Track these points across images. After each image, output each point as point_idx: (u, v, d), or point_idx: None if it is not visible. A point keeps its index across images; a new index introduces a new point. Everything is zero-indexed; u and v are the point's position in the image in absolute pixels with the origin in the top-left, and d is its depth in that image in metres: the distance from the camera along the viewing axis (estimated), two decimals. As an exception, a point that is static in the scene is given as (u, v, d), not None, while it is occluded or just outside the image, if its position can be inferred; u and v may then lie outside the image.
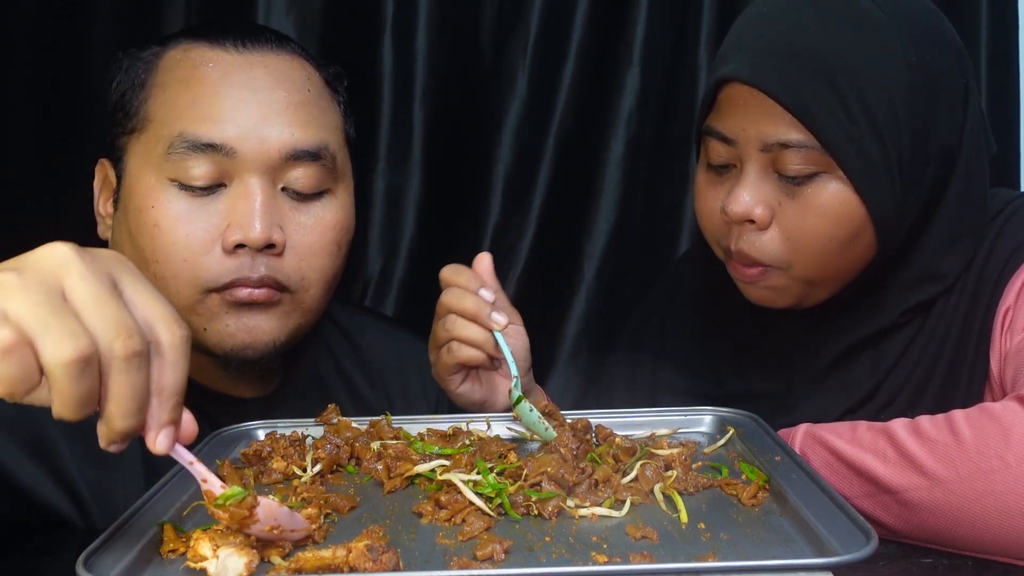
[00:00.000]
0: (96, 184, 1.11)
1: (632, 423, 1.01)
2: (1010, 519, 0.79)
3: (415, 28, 1.65)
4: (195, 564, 0.68)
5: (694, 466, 0.87)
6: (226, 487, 0.70)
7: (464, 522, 0.76)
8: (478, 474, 0.83)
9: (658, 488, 0.81)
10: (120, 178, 1.05)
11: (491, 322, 1.03)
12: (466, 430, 0.98)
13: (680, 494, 0.81)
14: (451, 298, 1.05)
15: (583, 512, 0.78)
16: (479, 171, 1.72)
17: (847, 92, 0.96)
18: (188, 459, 0.69)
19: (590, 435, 0.96)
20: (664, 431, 0.99)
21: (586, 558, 0.69)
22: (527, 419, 0.97)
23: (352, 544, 0.68)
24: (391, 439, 0.95)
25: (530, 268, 1.72)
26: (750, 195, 1.00)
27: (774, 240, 1.01)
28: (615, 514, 0.78)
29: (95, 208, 1.11)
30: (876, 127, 0.97)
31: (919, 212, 1.03)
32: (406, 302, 1.70)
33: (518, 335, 1.09)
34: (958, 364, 1.05)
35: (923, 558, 0.83)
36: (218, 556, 0.67)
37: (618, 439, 0.93)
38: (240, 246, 0.99)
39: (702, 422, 1.02)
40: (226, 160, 0.99)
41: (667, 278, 1.38)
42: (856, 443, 0.89)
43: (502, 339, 1.04)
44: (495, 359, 1.06)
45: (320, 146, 1.04)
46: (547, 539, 0.73)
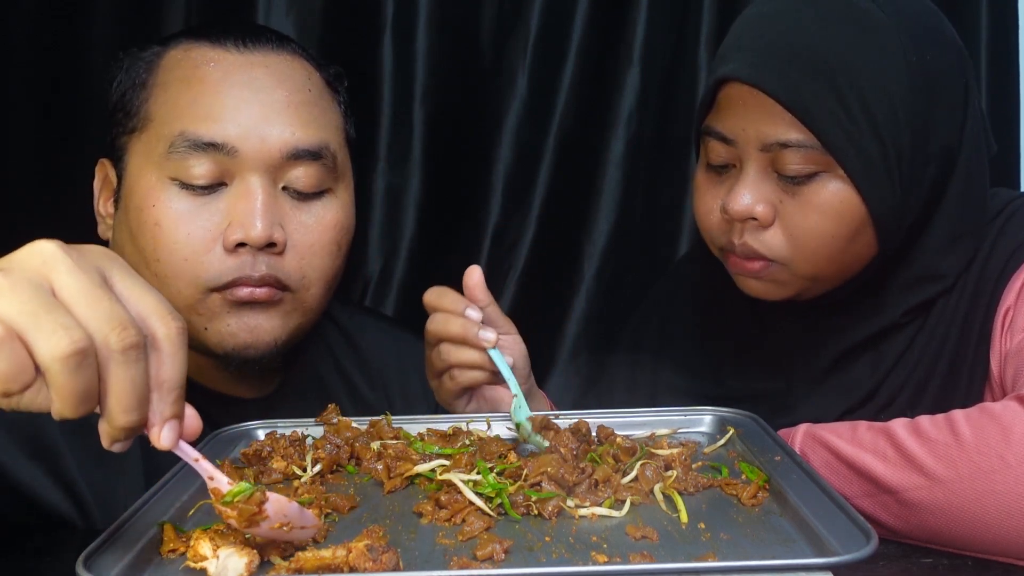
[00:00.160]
0: (96, 184, 1.11)
1: (632, 423, 1.01)
2: (1010, 519, 0.79)
3: (415, 28, 1.65)
4: (195, 564, 0.68)
5: (694, 466, 0.87)
6: (233, 483, 0.68)
7: (464, 522, 0.76)
8: (478, 474, 0.83)
9: (658, 488, 0.81)
10: (121, 178, 1.05)
11: (480, 342, 1.00)
12: (466, 430, 0.98)
13: (680, 494, 0.81)
14: (437, 325, 1.03)
15: (583, 512, 0.78)
16: (479, 171, 1.72)
17: (847, 92, 0.96)
18: (193, 455, 0.68)
19: (591, 436, 0.96)
20: (664, 431, 0.99)
21: (586, 558, 0.69)
22: (536, 439, 0.94)
23: (352, 544, 0.68)
24: (391, 439, 0.95)
25: (530, 268, 1.72)
26: (750, 194, 1.00)
27: (777, 236, 1.01)
28: (615, 514, 0.78)
29: (95, 208, 1.11)
30: (876, 127, 0.97)
31: (919, 212, 1.03)
32: (406, 302, 1.70)
33: (514, 344, 1.07)
34: (958, 364, 1.05)
35: (923, 558, 0.83)
36: (218, 556, 0.67)
37: (618, 439, 0.93)
38: (241, 245, 0.99)
39: (702, 422, 1.02)
40: (227, 159, 1.00)
41: (667, 278, 1.38)
42: (856, 443, 0.89)
43: (498, 356, 1.01)
44: (497, 373, 1.04)
45: (321, 145, 1.04)
46: (547, 539, 0.73)
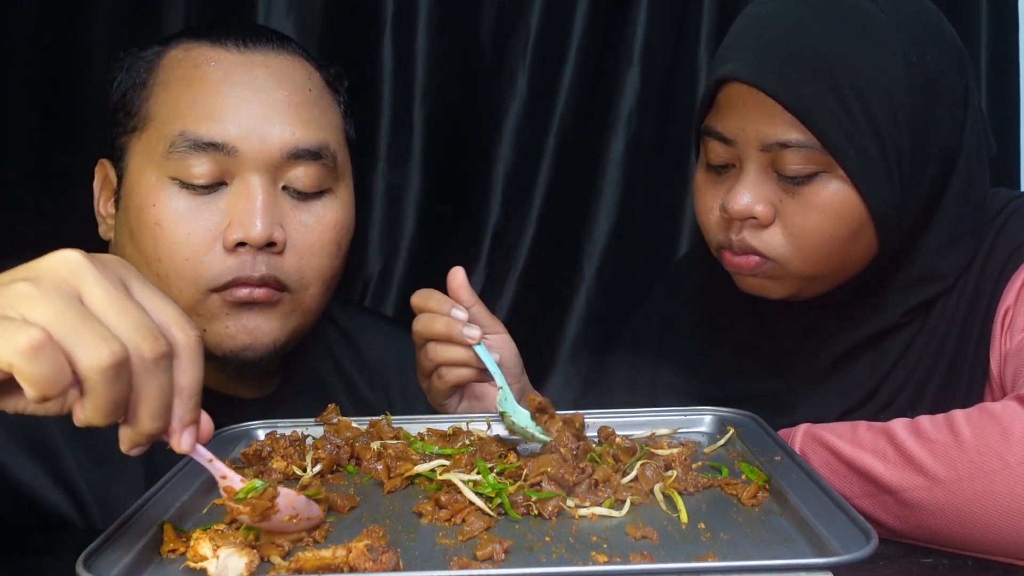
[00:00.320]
0: (96, 184, 1.11)
1: (632, 423, 1.01)
2: (1010, 519, 0.79)
3: (415, 28, 1.65)
4: (195, 564, 0.68)
5: (694, 466, 0.87)
6: (245, 481, 0.71)
7: (464, 522, 0.76)
8: (478, 474, 0.83)
9: (658, 488, 0.81)
10: (121, 177, 1.05)
11: (465, 338, 1.01)
12: (466, 430, 0.98)
13: (680, 494, 0.81)
14: (422, 325, 1.05)
15: (583, 512, 0.78)
16: (479, 171, 1.72)
17: (847, 92, 0.96)
18: (207, 457, 0.70)
19: (583, 431, 0.95)
20: (664, 431, 0.99)
21: (586, 558, 0.69)
22: (520, 426, 0.94)
23: (352, 544, 0.68)
24: (391, 439, 0.95)
25: (530, 268, 1.72)
26: (750, 194, 1.00)
27: (776, 236, 1.01)
28: (615, 514, 0.78)
29: (95, 208, 1.11)
30: (876, 127, 0.97)
31: (919, 212, 1.03)
32: (406, 302, 1.68)
33: (503, 343, 1.08)
34: (958, 364, 1.05)
35: (923, 558, 0.83)
36: (218, 556, 0.67)
37: (618, 439, 0.93)
38: (241, 244, 1.00)
39: (702, 422, 1.02)
40: (227, 159, 1.00)
41: (667, 278, 1.38)
42: (856, 443, 0.89)
43: (484, 351, 1.02)
44: (486, 371, 1.04)
45: (321, 145, 1.04)
46: (547, 539, 0.73)
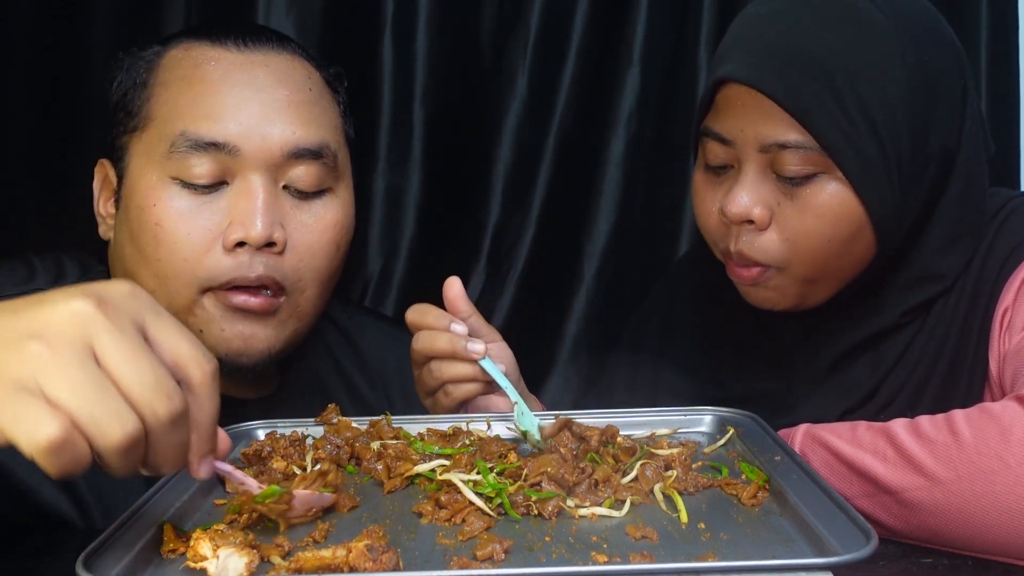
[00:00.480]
0: (96, 184, 1.11)
1: (632, 423, 1.01)
2: (1010, 519, 0.79)
3: (415, 28, 1.65)
4: (195, 564, 0.68)
5: (694, 466, 0.87)
6: (262, 487, 0.74)
7: (464, 522, 0.76)
8: (478, 474, 0.83)
9: (658, 488, 0.81)
10: (121, 177, 1.05)
11: (470, 355, 1.01)
12: (466, 430, 0.98)
13: (680, 494, 0.81)
14: (423, 344, 1.03)
15: (583, 512, 0.78)
16: (479, 171, 1.72)
17: (846, 93, 0.96)
18: (226, 470, 0.73)
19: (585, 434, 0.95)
20: (664, 431, 0.99)
21: (586, 558, 0.69)
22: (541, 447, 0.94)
23: (352, 544, 0.68)
24: (391, 439, 0.95)
25: (530, 268, 1.72)
26: (748, 196, 1.00)
27: (773, 240, 1.01)
28: (615, 514, 0.78)
29: (95, 209, 1.11)
30: (875, 128, 0.97)
31: (918, 212, 1.02)
32: (406, 302, 1.68)
33: (501, 351, 1.08)
34: (958, 364, 1.05)
35: (923, 558, 0.83)
36: (218, 556, 0.67)
37: (618, 439, 0.93)
38: (240, 244, 1.00)
39: (702, 422, 1.02)
40: (228, 158, 1.00)
41: (667, 278, 1.38)
42: (856, 443, 0.89)
43: (490, 365, 1.01)
44: (491, 383, 1.04)
45: (321, 144, 1.05)
46: (547, 539, 0.73)
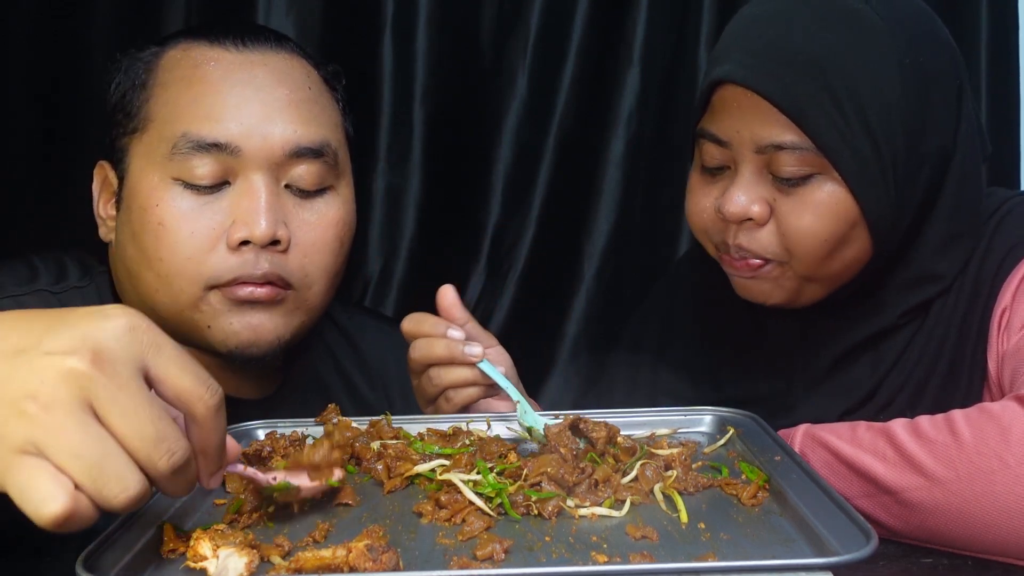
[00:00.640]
0: (95, 186, 1.11)
1: (632, 423, 1.01)
2: (1009, 519, 0.79)
3: (415, 28, 1.65)
4: (195, 564, 0.68)
5: (694, 466, 0.87)
6: (271, 481, 0.77)
7: (464, 522, 0.76)
8: (478, 474, 0.83)
9: (658, 488, 0.81)
10: (122, 179, 1.05)
11: (468, 358, 1.01)
12: (466, 430, 0.98)
13: (680, 494, 0.81)
14: (421, 352, 1.03)
15: (583, 512, 0.78)
16: (479, 171, 1.72)
17: (841, 94, 0.96)
18: (238, 468, 0.74)
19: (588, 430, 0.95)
20: (664, 431, 0.99)
21: (586, 558, 0.69)
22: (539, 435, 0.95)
23: (352, 544, 0.68)
24: (391, 439, 0.95)
25: (530, 268, 1.72)
26: (745, 196, 1.00)
27: (772, 235, 1.01)
28: (615, 514, 0.78)
29: (95, 211, 1.11)
30: (870, 129, 0.97)
31: (915, 213, 1.03)
32: (406, 302, 1.70)
33: (499, 355, 1.08)
34: (957, 364, 1.05)
35: (923, 558, 0.83)
36: (218, 556, 0.67)
37: (618, 439, 0.93)
38: (245, 243, 1.00)
39: (702, 422, 1.02)
40: (230, 158, 1.00)
41: (667, 278, 1.38)
42: (856, 443, 0.89)
43: (489, 367, 1.01)
44: (491, 386, 1.04)
45: (322, 143, 1.05)
46: (547, 539, 0.73)
